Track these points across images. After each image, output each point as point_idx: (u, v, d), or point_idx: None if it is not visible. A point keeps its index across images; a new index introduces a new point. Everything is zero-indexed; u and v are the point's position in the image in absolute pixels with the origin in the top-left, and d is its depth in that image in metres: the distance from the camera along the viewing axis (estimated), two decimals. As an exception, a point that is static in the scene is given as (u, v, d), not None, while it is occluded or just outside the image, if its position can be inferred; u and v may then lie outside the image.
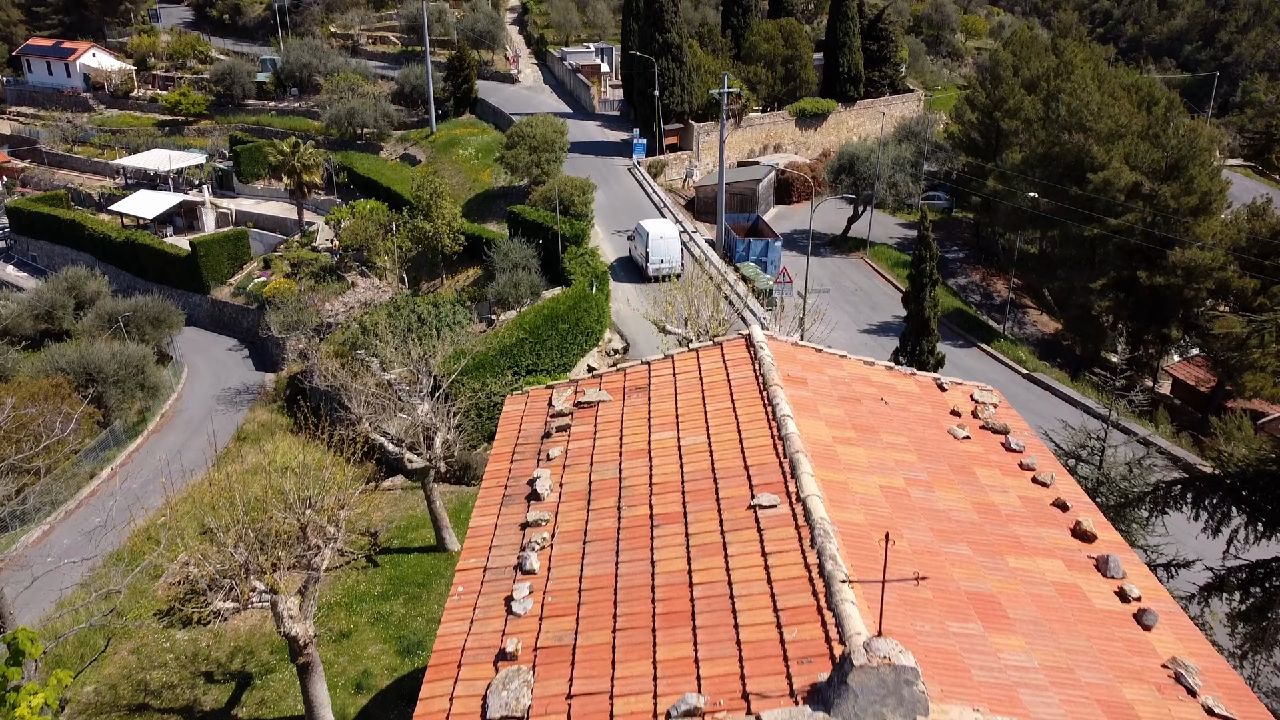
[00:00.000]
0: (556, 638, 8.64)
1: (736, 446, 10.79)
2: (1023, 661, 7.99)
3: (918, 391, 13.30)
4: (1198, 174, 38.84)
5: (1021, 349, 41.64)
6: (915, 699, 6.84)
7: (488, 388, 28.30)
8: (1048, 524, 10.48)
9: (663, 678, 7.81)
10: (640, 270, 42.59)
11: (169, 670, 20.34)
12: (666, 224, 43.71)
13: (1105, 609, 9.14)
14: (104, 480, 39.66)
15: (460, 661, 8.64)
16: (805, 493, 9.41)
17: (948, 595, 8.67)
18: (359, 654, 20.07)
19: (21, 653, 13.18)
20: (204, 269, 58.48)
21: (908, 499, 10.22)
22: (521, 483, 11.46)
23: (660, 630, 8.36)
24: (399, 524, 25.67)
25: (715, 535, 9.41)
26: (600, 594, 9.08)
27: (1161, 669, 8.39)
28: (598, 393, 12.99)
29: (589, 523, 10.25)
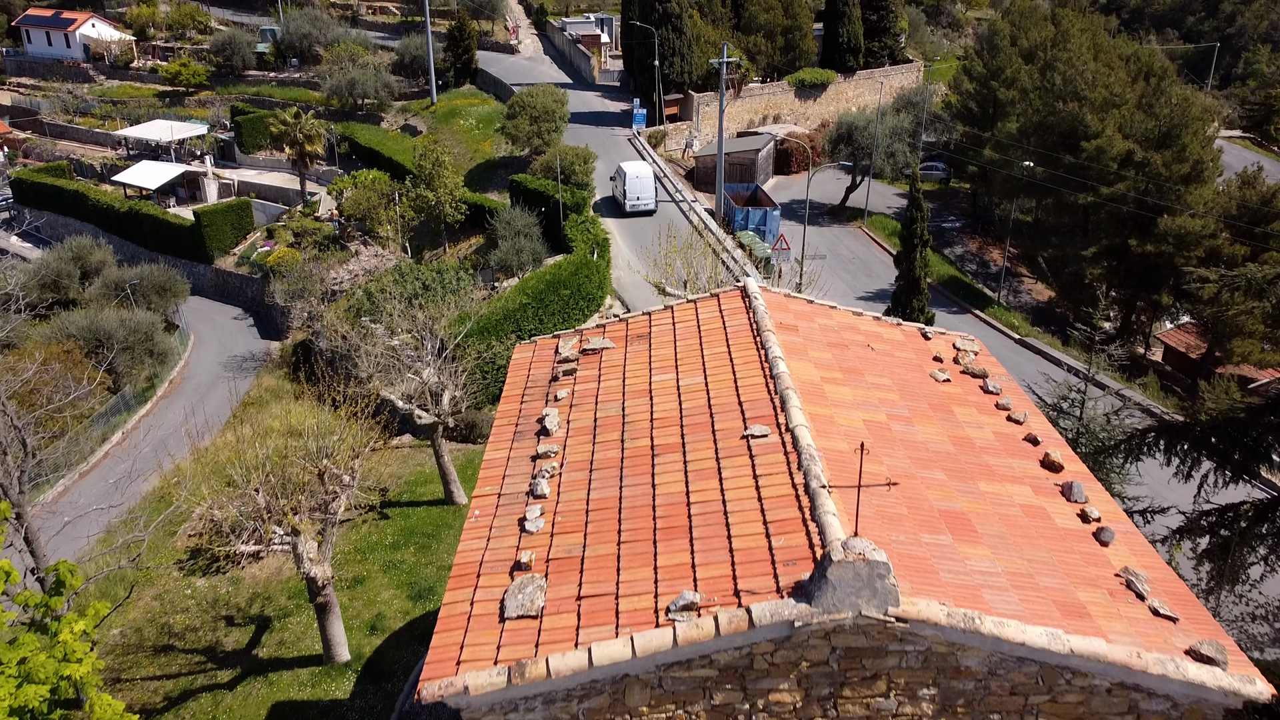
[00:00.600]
0: (566, 550, 9.50)
1: (731, 385, 11.60)
2: (987, 567, 8.86)
3: (903, 339, 14.10)
4: (1190, 142, 39.36)
5: (1015, 315, 42.40)
6: (887, 591, 7.70)
7: (492, 349, 29.08)
8: (1019, 456, 11.33)
9: (663, 580, 8.67)
10: (620, 207, 47.42)
11: (191, 615, 21.32)
12: (643, 165, 48.39)
13: (1066, 528, 10.00)
14: (115, 444, 40.54)
15: (479, 572, 9.50)
16: (794, 423, 10.23)
17: (921, 512, 9.52)
18: (372, 599, 21.04)
19: (62, 583, 14.10)
20: (208, 239, 59.00)
21: (889, 431, 11.05)
22: (531, 421, 12.28)
23: (660, 542, 9.22)
24: (408, 479, 26.59)
25: (711, 462, 10.25)
26: (606, 514, 9.93)
27: (1114, 577, 9.25)
28: (601, 340, 13.78)
29: (595, 454, 11.09)
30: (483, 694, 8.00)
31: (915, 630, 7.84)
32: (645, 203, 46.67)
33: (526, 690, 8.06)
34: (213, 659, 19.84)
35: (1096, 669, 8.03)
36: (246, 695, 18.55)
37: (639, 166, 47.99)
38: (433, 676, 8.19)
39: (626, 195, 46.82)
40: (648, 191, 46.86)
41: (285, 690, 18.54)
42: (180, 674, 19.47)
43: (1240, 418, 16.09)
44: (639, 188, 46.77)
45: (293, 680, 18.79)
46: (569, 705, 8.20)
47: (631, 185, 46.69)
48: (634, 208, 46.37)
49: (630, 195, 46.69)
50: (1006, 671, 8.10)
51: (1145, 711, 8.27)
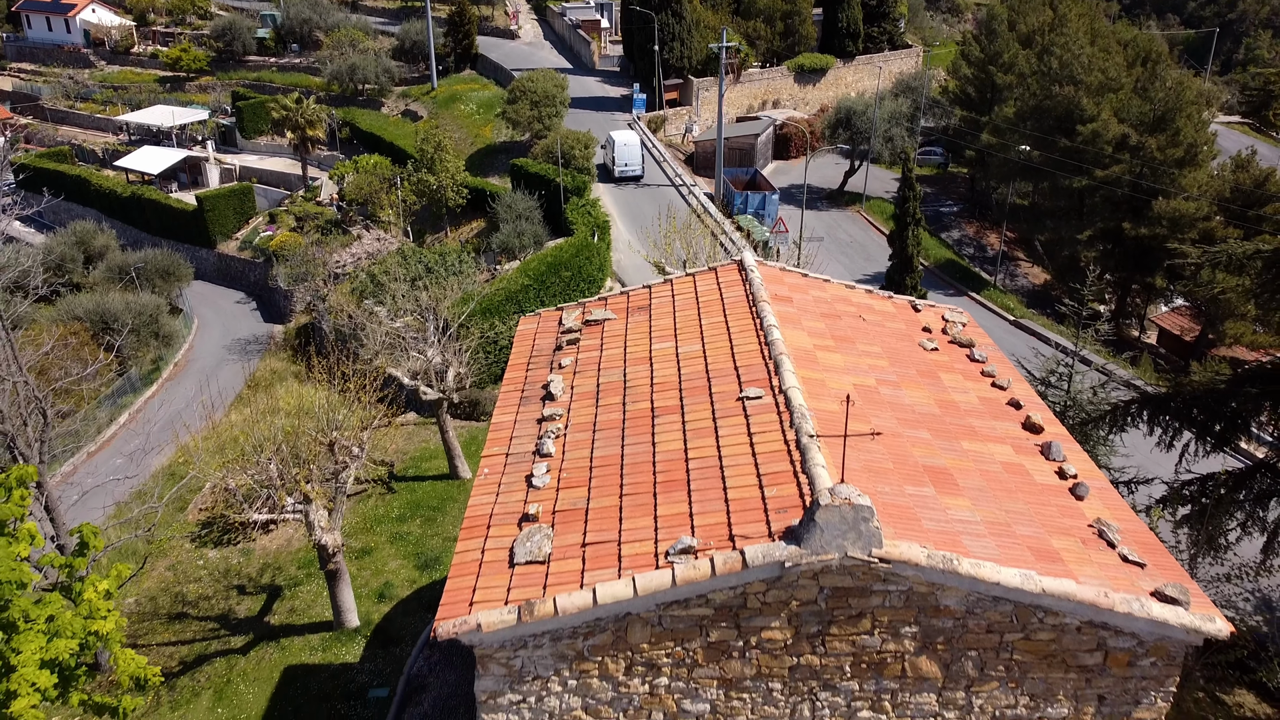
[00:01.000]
0: (571, 503, 10.07)
1: (728, 352, 12.14)
2: (967, 516, 9.43)
3: (894, 311, 14.63)
4: (1184, 126, 39.77)
5: (1010, 298, 42.91)
6: (871, 533, 8.26)
7: (495, 329, 29.62)
8: (1001, 418, 11.88)
9: (662, 528, 9.24)
10: (610, 173, 50.79)
11: (204, 584, 21.94)
12: (631, 134, 52.08)
13: (1044, 483, 10.56)
14: (122, 425, 41.11)
15: (489, 524, 10.06)
16: (787, 386, 10.77)
17: (906, 467, 10.08)
18: (380, 568, 21.65)
19: (86, 544, 14.69)
20: (210, 223, 59.38)
21: (877, 395, 11.60)
22: (536, 387, 12.83)
23: (660, 494, 9.78)
24: (413, 455, 27.17)
25: (708, 421, 10.80)
26: (608, 470, 10.49)
27: (1087, 528, 9.82)
28: (603, 312, 14.32)
29: (597, 416, 11.64)
30: (494, 631, 8.57)
31: (897, 571, 8.41)
32: (633, 169, 50.23)
33: (535, 628, 8.63)
34: (226, 626, 20.47)
35: (1067, 608, 8.60)
36: (259, 659, 19.18)
37: (627, 135, 51.36)
38: (447, 616, 8.75)
39: (616, 162, 50.13)
40: (635, 159, 50.22)
41: (297, 654, 19.17)
42: (195, 640, 20.10)
43: (1220, 389, 16.65)
44: (627, 155, 50.13)
45: (304, 645, 19.41)
46: (574, 642, 8.78)
47: (620, 153, 50.08)
48: (623, 173, 50.04)
49: (619, 162, 50.08)
50: (983, 611, 8.67)
51: (1113, 649, 8.85)
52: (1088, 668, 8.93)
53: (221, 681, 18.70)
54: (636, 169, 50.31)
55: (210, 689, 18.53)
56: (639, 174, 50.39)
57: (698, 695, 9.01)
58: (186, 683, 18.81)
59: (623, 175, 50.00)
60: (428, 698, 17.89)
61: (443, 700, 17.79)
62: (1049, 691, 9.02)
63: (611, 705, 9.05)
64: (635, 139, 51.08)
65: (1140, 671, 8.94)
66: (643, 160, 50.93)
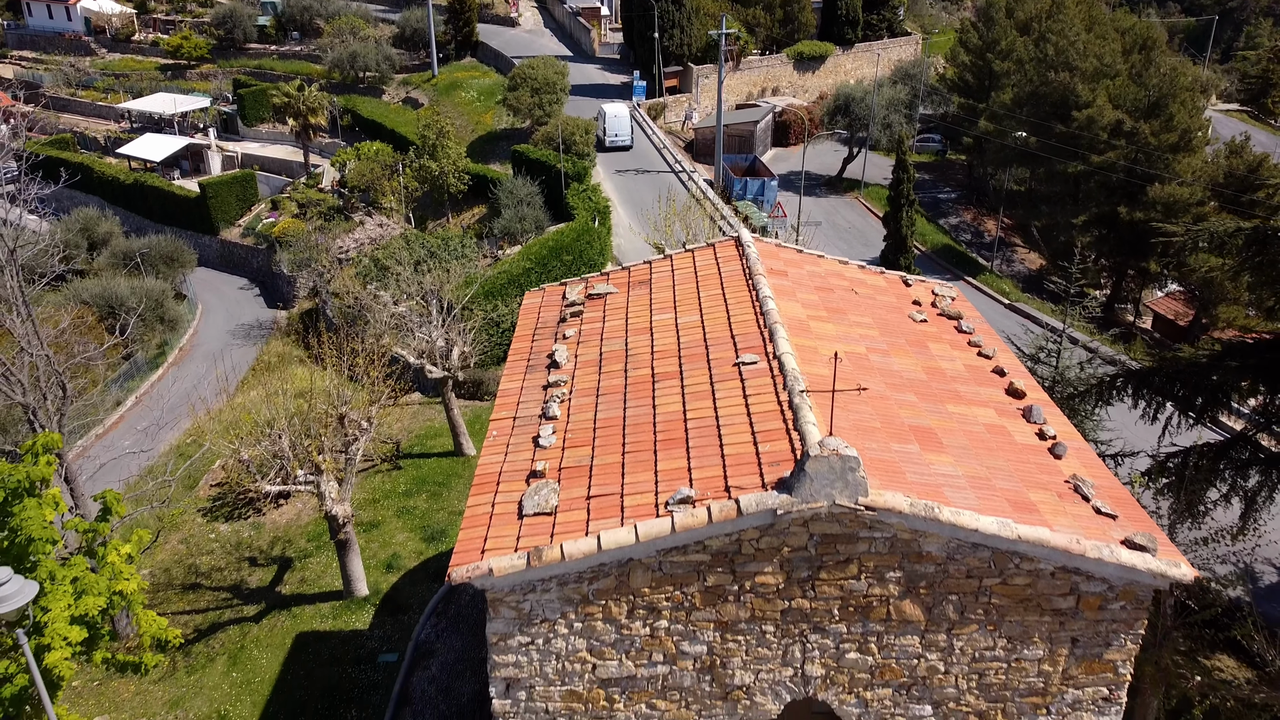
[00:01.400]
0: (576, 460, 10.63)
1: (725, 322, 12.69)
2: (950, 471, 9.99)
3: (885, 285, 15.18)
4: (1177, 112, 40.18)
5: (1006, 282, 43.42)
6: (857, 483, 8.83)
7: (498, 310, 30.12)
8: (986, 384, 12.44)
9: (662, 481, 9.81)
10: (601, 143, 53.26)
11: (216, 556, 22.54)
12: (621, 106, 55.27)
13: (1024, 443, 11.14)
14: (129, 407, 41.65)
15: (498, 480, 10.63)
16: (780, 352, 11.32)
17: (893, 427, 10.65)
18: (388, 541, 22.25)
19: (109, 510, 15.27)
20: (213, 210, 59.77)
21: (867, 361, 12.15)
22: (542, 356, 13.39)
23: (660, 451, 10.35)
24: (418, 433, 27.75)
25: (706, 385, 11.36)
26: (611, 430, 11.06)
27: (1064, 483, 10.39)
28: (606, 286, 14.87)
29: (600, 382, 12.20)
30: (505, 575, 9.15)
31: (882, 518, 8.98)
32: (623, 139, 53.38)
33: (543, 572, 9.21)
34: (238, 595, 21.08)
35: (1041, 554, 9.18)
36: (272, 627, 19.79)
37: (618, 107, 54.61)
38: (460, 563, 9.33)
39: (606, 132, 52.89)
40: (625, 129, 53.42)
41: (308, 622, 19.79)
42: (208, 609, 20.71)
43: (1201, 363, 17.21)
44: (617, 125, 53.39)
45: (315, 613, 20.03)
46: (580, 586, 9.36)
47: (611, 124, 53.22)
48: (613, 143, 53.14)
49: (610, 132, 53.03)
50: (963, 556, 9.25)
51: (1085, 593, 9.43)
52: (1061, 611, 9.51)
53: (235, 647, 19.32)
54: (626, 139, 53.63)
55: (225, 654, 19.16)
56: (628, 144, 53.72)
57: (695, 637, 9.60)
58: (201, 649, 19.43)
59: (613, 145, 53.09)
60: (435, 662, 18.51)
61: (449, 665, 18.42)
62: (1025, 634, 9.61)
63: (614, 647, 9.64)
64: (625, 111, 54.23)
65: (1110, 615, 9.52)
66: (631, 131, 54.03)
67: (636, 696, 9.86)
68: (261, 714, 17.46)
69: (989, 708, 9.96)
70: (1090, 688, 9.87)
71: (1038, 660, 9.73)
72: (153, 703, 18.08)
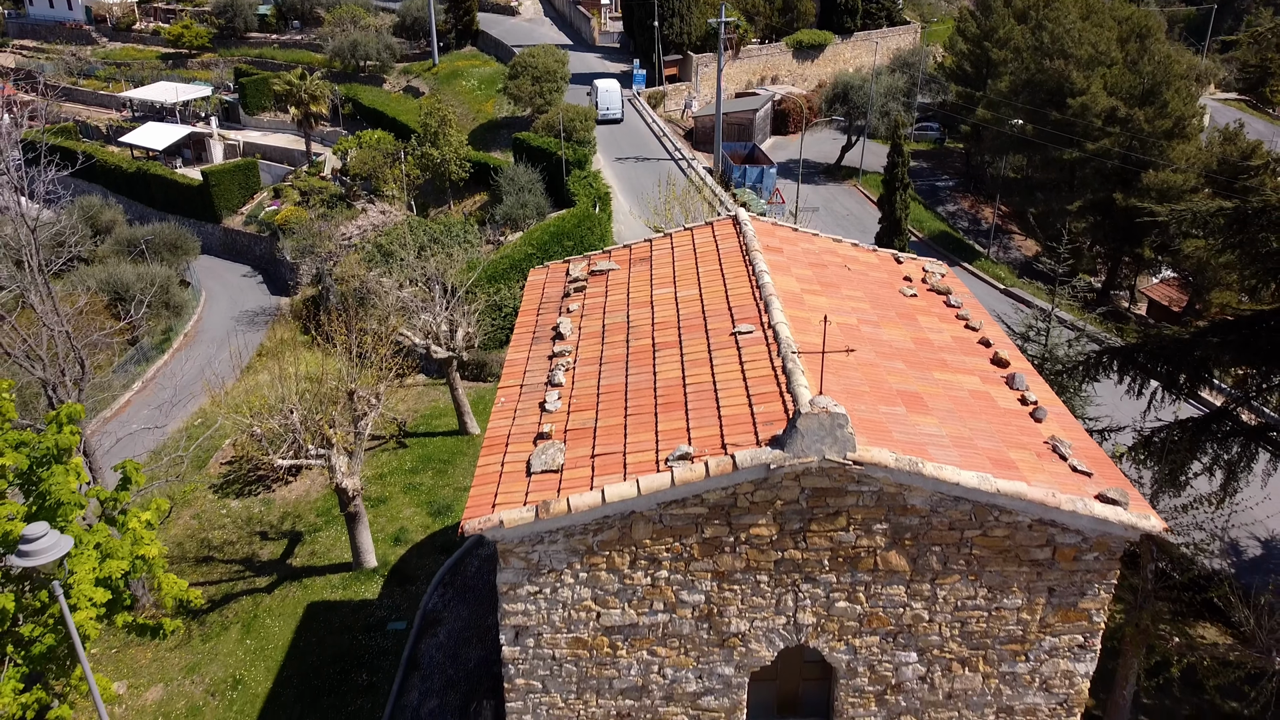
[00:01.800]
0: (581, 423, 11.20)
1: (722, 295, 13.24)
2: (934, 431, 10.56)
3: (877, 262, 15.73)
4: (1171, 99, 40.62)
5: (1001, 268, 43.95)
6: (846, 439, 9.40)
7: (500, 293, 30.65)
8: (972, 354, 13.01)
9: (662, 440, 10.38)
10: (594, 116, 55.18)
11: (227, 531, 23.14)
12: (612, 82, 58.40)
13: (1006, 408, 11.70)
14: (136, 391, 42.20)
15: (507, 442, 11.20)
16: (775, 322, 11.88)
17: (882, 391, 11.21)
18: (395, 515, 22.85)
19: (129, 479, 15.84)
20: (216, 198, 60.17)
21: (858, 332, 12.71)
22: (547, 328, 13.95)
23: (660, 413, 10.91)
24: (423, 413, 28.33)
25: (704, 353, 11.92)
26: (614, 395, 11.62)
27: (1043, 444, 10.96)
28: (608, 263, 15.42)
29: (603, 351, 12.76)
30: (514, 527, 9.73)
31: (869, 472, 9.55)
32: (614, 112, 56.50)
33: (550, 524, 9.78)
34: (250, 568, 21.69)
35: (1019, 506, 9.76)
36: (284, 597, 20.41)
37: (609, 83, 57.71)
38: (472, 516, 9.90)
39: (599, 106, 55.62)
40: (615, 102, 56.70)
41: (319, 592, 20.40)
42: (221, 580, 21.32)
43: (1185, 339, 17.76)
44: (609, 99, 56.52)
45: (325, 584, 20.64)
46: (585, 538, 9.94)
47: (603, 98, 56.33)
48: (604, 115, 55.68)
49: (602, 105, 55.87)
50: (945, 509, 9.83)
51: (1060, 544, 10.02)
52: (1039, 562, 10.09)
53: (249, 616, 19.94)
54: (617, 112, 56.83)
55: (238, 623, 19.78)
56: (619, 117, 56.88)
57: (694, 587, 10.19)
58: (216, 618, 20.05)
59: (604, 118, 55.66)
60: (442, 630, 19.14)
61: (456, 632, 19.05)
62: (1005, 584, 10.20)
63: (617, 596, 10.22)
64: (615, 86, 57.47)
65: (1085, 565, 10.10)
66: (622, 105, 57.32)
67: (638, 643, 10.45)
68: (275, 678, 18.08)
69: (971, 654, 10.56)
70: (1066, 635, 10.46)
71: (1017, 609, 10.32)
72: (170, 668, 18.71)
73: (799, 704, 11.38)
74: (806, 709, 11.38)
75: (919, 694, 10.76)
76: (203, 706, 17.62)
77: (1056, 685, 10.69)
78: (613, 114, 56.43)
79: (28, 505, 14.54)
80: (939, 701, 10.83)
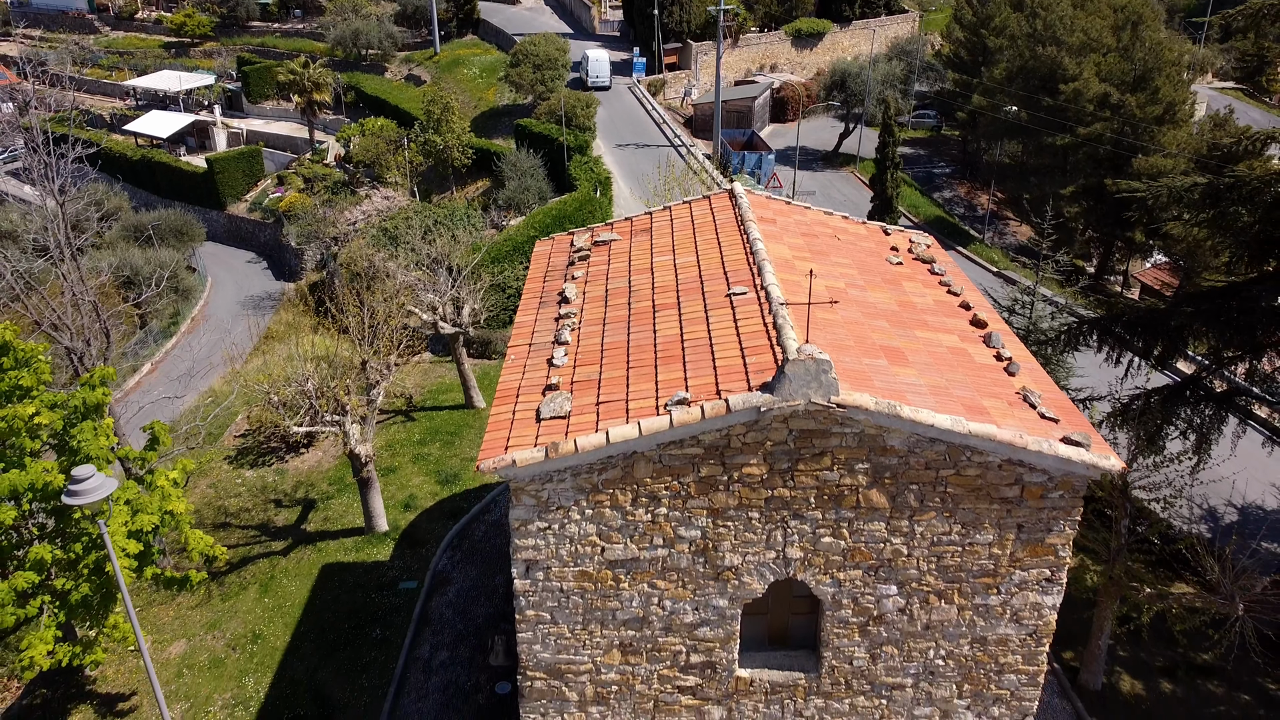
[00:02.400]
0: (586, 376, 12.04)
1: (718, 261, 14.07)
2: (913, 381, 11.40)
3: (866, 233, 16.55)
4: (1162, 85, 41.34)
5: (995, 252, 44.75)
6: (830, 383, 10.23)
7: (504, 273, 31.46)
8: (952, 316, 13.84)
9: (662, 389, 11.22)
10: (584, 84, 60.18)
11: (243, 499, 24.01)
12: (601, 51, 62.65)
13: (982, 363, 12.54)
14: (145, 374, 43.07)
15: (518, 393, 12.04)
16: (767, 284, 12.70)
17: (865, 346, 12.05)
18: (405, 483, 23.73)
19: (157, 440, 16.70)
20: (221, 185, 60.91)
21: (845, 295, 13.54)
22: (553, 294, 14.78)
23: (660, 365, 11.75)
24: (430, 389, 29.19)
25: (701, 313, 12.76)
26: (616, 351, 12.46)
27: (1015, 394, 11.80)
28: (610, 234, 16.24)
29: (606, 313, 13.59)
30: (526, 466, 10.57)
31: (851, 415, 10.39)
32: (602, 80, 60.70)
33: (559, 464, 10.63)
34: (265, 533, 22.56)
35: (990, 447, 10.60)
36: (299, 559, 21.29)
37: (598, 52, 61.84)
38: (487, 456, 10.74)
39: (589, 74, 60.06)
40: (604, 70, 60.85)
41: (333, 555, 21.29)
42: (238, 545, 22.19)
43: (1160, 310, 18.61)
44: (598, 68, 60.52)
45: (339, 547, 21.52)
46: (591, 477, 10.78)
47: (592, 66, 60.30)
48: (594, 83, 60.11)
49: (591, 74, 60.15)
50: (922, 450, 10.67)
51: (1028, 483, 10.86)
52: (1008, 499, 10.95)
53: (266, 577, 20.83)
54: (605, 80, 60.91)
55: (256, 583, 20.67)
56: (607, 84, 60.89)
57: (691, 523, 11.04)
58: (234, 579, 20.94)
59: (594, 85, 59.98)
60: (452, 589, 20.03)
61: (465, 591, 19.95)
62: (977, 520, 11.05)
63: (620, 531, 11.08)
64: (604, 55, 61.73)
65: (1051, 503, 10.95)
66: (610, 74, 61.49)
67: (639, 576, 11.32)
68: (293, 633, 18.98)
69: (947, 587, 11.42)
70: (1034, 569, 11.33)
71: (988, 544, 11.18)
72: (191, 625, 19.60)
73: (788, 637, 12.26)
74: (795, 642, 12.27)
75: (899, 625, 11.63)
76: (224, 659, 18.52)
77: (1026, 616, 11.56)
78: (602, 81, 60.52)
79: (61, 461, 15.40)
80: (917, 632, 11.70)
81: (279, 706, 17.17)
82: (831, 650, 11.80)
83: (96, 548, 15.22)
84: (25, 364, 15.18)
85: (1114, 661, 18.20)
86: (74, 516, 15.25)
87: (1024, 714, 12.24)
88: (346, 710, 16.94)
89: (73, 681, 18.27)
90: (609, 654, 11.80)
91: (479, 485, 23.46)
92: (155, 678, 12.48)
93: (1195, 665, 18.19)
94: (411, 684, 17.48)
